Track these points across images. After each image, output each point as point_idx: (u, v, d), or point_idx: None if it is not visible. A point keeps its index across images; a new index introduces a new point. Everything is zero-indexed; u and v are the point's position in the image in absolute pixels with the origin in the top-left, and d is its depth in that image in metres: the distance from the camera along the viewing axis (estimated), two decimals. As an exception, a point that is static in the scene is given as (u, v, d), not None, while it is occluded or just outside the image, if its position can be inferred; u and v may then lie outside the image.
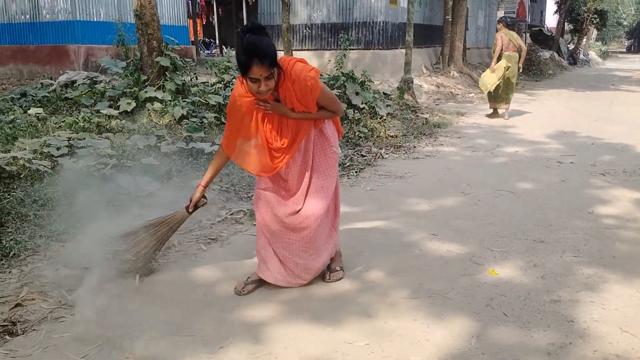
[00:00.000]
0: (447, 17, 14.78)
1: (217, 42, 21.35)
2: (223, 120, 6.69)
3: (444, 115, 9.67)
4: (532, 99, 13.00)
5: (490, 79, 9.03)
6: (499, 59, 9.00)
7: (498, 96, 9.30)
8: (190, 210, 2.99)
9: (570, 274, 3.19)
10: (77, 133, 5.01)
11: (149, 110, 6.60)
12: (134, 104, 6.63)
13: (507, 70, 8.97)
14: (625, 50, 70.04)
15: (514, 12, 15.64)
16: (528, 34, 26.63)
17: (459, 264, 3.33)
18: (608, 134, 7.81)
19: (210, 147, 5.46)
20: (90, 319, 2.61)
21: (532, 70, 20.60)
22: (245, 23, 20.74)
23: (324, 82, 7.64)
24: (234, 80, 8.53)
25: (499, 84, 9.06)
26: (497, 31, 9.37)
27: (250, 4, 18.90)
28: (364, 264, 3.32)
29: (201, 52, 18.84)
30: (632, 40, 72.30)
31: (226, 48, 20.60)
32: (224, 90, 7.97)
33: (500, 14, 20.40)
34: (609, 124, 8.83)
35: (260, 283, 2.99)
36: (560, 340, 2.48)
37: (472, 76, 15.70)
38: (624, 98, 13.35)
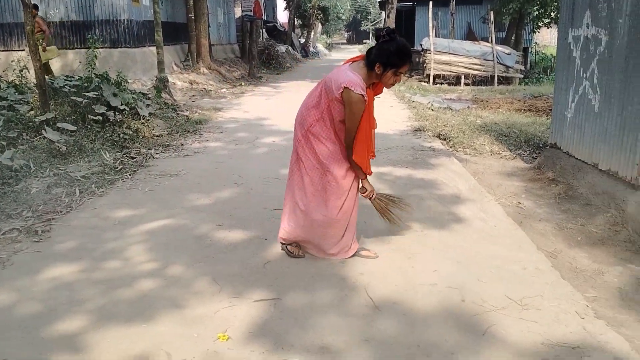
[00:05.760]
0: (190, 15, 15.04)
1: None
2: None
3: (202, 111, 10.01)
4: (277, 91, 14.20)
5: (44, 56, 9.76)
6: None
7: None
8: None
9: (336, 240, 3.87)
10: None
11: None
12: None
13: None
14: (345, 41, 79.83)
15: (250, 11, 16.66)
16: (264, 30, 28.49)
17: (246, 248, 3.75)
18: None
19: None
20: None
21: (272, 65, 22.30)
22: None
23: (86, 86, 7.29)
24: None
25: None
26: (34, 17, 9.25)
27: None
28: (161, 261, 3.51)
29: None
30: (350, 32, 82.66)
31: None
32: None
33: (238, 11, 21.45)
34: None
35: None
36: (340, 294, 3.10)
37: (221, 72, 16.33)
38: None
